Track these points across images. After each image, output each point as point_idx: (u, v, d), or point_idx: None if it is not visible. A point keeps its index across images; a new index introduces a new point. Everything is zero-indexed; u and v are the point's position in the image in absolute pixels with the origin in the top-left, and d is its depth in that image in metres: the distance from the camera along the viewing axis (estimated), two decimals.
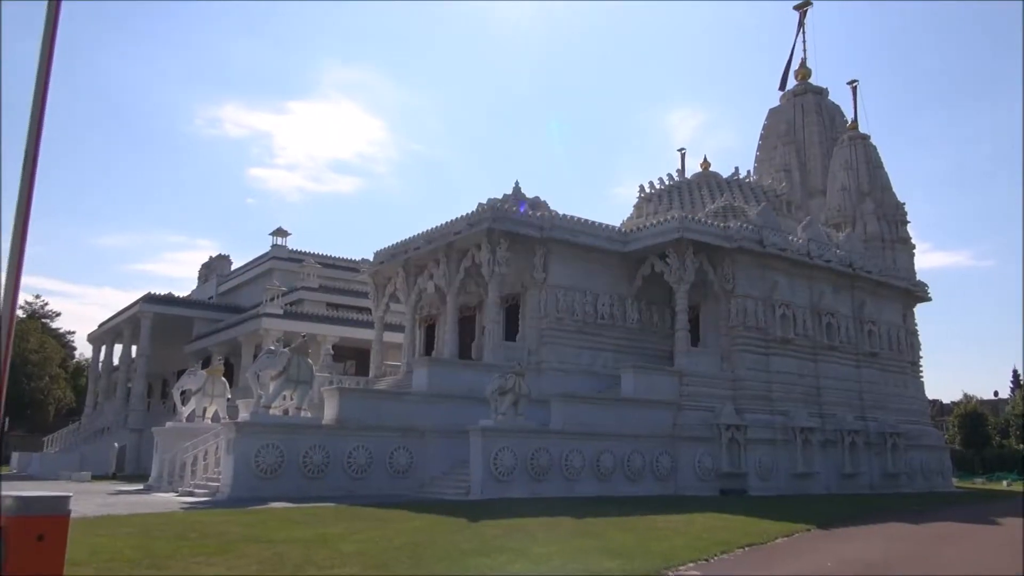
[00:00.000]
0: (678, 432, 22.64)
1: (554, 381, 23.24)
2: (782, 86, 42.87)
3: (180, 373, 33.77)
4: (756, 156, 42.01)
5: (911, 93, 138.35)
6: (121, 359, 44.01)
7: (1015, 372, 70.81)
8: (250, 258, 48.86)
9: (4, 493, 5.38)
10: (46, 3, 5.73)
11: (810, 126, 40.54)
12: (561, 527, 12.73)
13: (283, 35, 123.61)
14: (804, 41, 43.27)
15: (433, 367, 22.11)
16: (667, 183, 32.89)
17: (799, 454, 24.61)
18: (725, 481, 22.80)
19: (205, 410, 23.84)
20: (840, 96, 46.43)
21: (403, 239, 27.86)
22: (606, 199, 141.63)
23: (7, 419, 45.73)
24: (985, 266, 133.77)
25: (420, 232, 26.94)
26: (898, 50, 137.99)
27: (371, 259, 29.98)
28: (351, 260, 44.89)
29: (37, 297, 67.88)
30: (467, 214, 24.64)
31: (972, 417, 60.19)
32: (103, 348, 47.50)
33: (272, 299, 37.61)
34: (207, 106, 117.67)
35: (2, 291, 5.21)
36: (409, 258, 27.56)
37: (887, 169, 36.93)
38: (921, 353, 32.91)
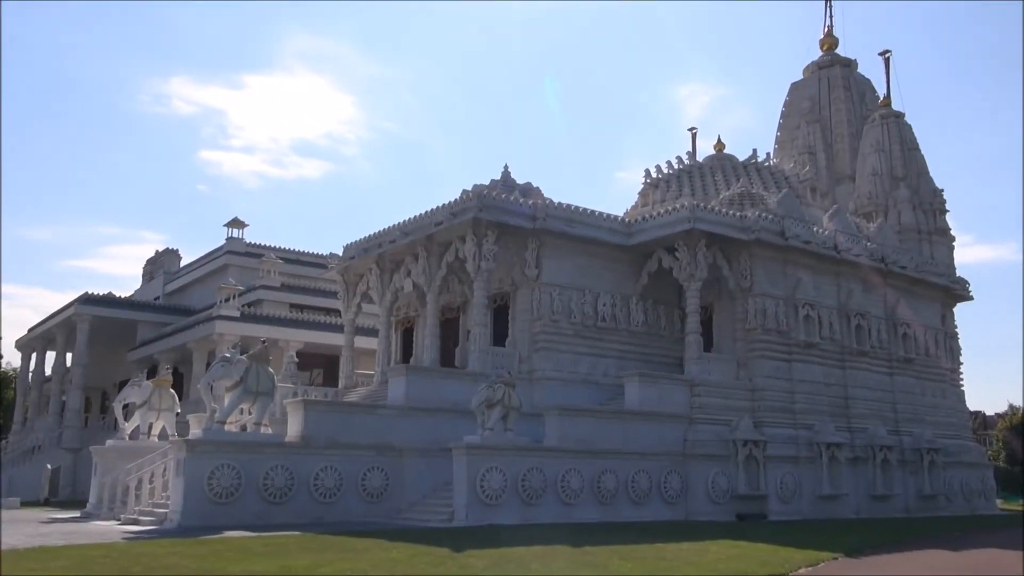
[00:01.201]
0: (689, 449, 22.72)
1: (549, 391, 23.28)
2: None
3: (122, 384, 33.64)
4: (776, 137, 42.20)
5: (950, 66, 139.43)
6: (54, 368, 43.77)
7: None
8: (202, 253, 48.79)
9: None
10: None
11: (837, 103, 40.74)
12: (557, 557, 12.76)
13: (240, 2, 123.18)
14: (831, 6, 43.51)
15: (411, 376, 22.09)
16: (676, 167, 33.00)
17: (825, 473, 24.75)
18: (742, 504, 22.91)
19: (151, 426, 23.73)
20: (871, 69, 46.78)
21: (377, 231, 27.84)
22: (607, 185, 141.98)
23: None
24: None
25: (396, 223, 26.91)
26: (936, 16, 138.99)
27: (340, 254, 29.92)
28: (318, 255, 44.87)
29: None
30: (450, 202, 24.64)
31: (1018, 430, 60.69)
32: (33, 356, 47.21)
33: (227, 299, 37.49)
34: (151, 80, 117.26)
35: None
36: (384, 252, 27.53)
37: (924, 152, 37.14)
38: (962, 359, 33.15)
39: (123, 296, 46.66)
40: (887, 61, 39.13)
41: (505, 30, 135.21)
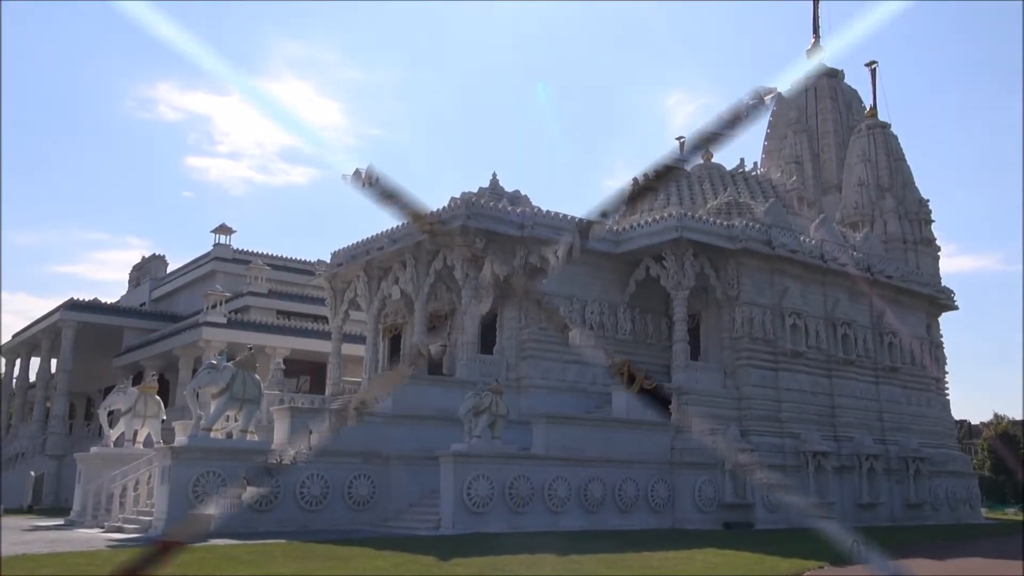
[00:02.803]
0: (676, 457, 22.76)
1: (536, 399, 23.29)
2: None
3: (107, 391, 33.40)
4: (764, 146, 42.41)
5: (936, 76, 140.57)
6: (39, 375, 43.44)
7: None
8: (189, 259, 48.51)
9: None
10: None
11: (824, 113, 40.99)
12: (544, 566, 12.76)
13: (223, 5, 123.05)
14: (818, 17, 43.80)
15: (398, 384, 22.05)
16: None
17: (811, 482, 24.84)
18: (729, 512, 22.95)
19: (136, 433, 23.58)
20: (857, 79, 47.04)
21: (365, 238, 27.84)
22: (596, 193, 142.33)
23: None
24: (1017, 271, 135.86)
25: (384, 230, 26.92)
26: (922, 27, 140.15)
27: (328, 260, 29.89)
28: (305, 262, 44.71)
29: None
30: (438, 210, 24.65)
31: (1003, 440, 61.02)
32: (18, 362, 46.88)
33: (214, 306, 37.33)
34: (137, 85, 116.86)
35: None
36: (372, 260, 27.51)
37: (909, 162, 37.41)
38: (947, 368, 33.37)
39: (109, 302, 46.36)
40: (873, 72, 39.41)
41: (492, 38, 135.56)
